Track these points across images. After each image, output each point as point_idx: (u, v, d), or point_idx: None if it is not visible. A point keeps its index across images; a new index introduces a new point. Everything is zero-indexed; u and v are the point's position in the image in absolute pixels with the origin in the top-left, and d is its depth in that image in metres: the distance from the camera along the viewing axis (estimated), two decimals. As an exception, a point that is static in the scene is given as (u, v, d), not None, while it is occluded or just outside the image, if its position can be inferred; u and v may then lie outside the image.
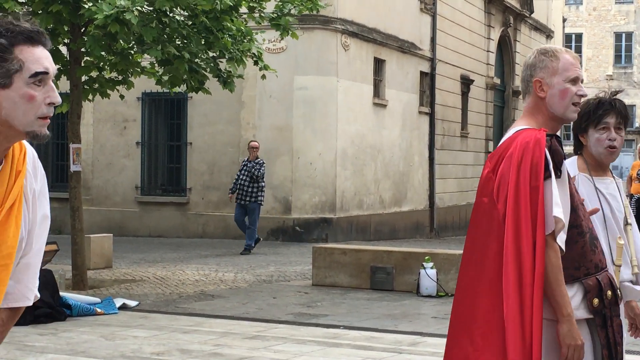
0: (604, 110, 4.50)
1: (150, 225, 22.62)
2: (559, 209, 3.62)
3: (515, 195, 3.63)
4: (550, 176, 3.65)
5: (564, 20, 46.29)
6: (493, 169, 3.74)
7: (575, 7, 55.36)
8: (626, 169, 38.29)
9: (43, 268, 11.59)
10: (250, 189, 18.37)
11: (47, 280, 10.88)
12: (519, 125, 3.86)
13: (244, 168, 18.50)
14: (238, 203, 18.54)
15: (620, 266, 4.36)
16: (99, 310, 11.14)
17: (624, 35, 54.64)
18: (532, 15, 35.21)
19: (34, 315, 10.38)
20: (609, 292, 3.84)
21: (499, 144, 3.82)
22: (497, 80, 31.99)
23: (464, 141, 29.55)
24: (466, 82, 29.48)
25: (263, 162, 18.54)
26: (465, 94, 29.62)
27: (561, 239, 3.65)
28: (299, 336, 9.83)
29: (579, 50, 55.39)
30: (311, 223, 21.36)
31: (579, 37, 55.18)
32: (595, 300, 3.78)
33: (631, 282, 4.45)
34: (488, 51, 31.10)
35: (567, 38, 52.00)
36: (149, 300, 12.31)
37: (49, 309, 10.58)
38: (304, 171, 21.34)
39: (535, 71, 3.87)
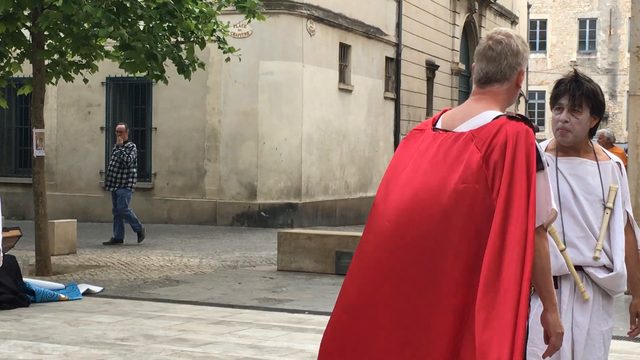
0: (558, 91, 4.52)
1: (114, 210, 22.49)
2: (554, 202, 3.69)
3: (509, 185, 3.58)
4: (543, 168, 3.66)
5: (529, 6, 46.48)
6: (484, 156, 3.64)
7: (540, -7, 55.61)
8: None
9: (6, 254, 11.52)
10: (119, 175, 17.33)
11: (10, 266, 10.81)
12: (488, 109, 3.79)
13: (114, 153, 17.52)
14: (110, 191, 17.66)
15: (563, 250, 4.42)
16: (62, 296, 11.09)
17: (588, 21, 54.92)
18: (497, 1, 35.33)
19: (-4, 301, 10.32)
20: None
21: (477, 128, 3.70)
22: (462, 66, 32.10)
23: (429, 127, 29.66)
24: (431, 68, 29.55)
25: (133, 146, 17.50)
26: (430, 80, 29.69)
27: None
28: (264, 321, 9.84)
29: (543, 36, 55.63)
30: (277, 208, 21.36)
31: (543, 23, 55.41)
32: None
33: (604, 266, 4.48)
34: (453, 37, 31.19)
35: (532, 24, 52.22)
36: (113, 285, 12.28)
37: (12, 295, 10.52)
38: (270, 156, 21.32)
39: (522, 61, 3.87)
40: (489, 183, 3.62)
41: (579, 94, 4.46)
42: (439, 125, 3.87)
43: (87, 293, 11.51)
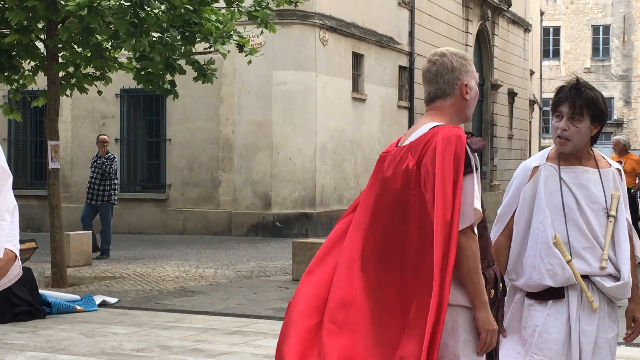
0: (558, 98, 4.51)
1: (130, 222, 22.56)
2: (479, 202, 3.80)
3: (438, 186, 3.76)
4: (472, 171, 3.81)
5: (542, 13, 46.42)
6: (417, 162, 3.87)
7: (553, 1, 55.51)
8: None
9: (22, 266, 11.54)
10: (102, 188, 16.70)
11: (26, 278, 10.84)
12: (431, 121, 3.99)
13: (94, 165, 16.85)
14: (88, 203, 16.87)
15: (570, 261, 4.41)
16: (78, 307, 11.11)
17: (601, 28, 54.85)
18: (510, 8, 35.30)
19: (12, 313, 10.35)
20: (501, 284, 4.05)
21: (415, 139, 3.93)
22: (476, 74, 32.02)
23: (443, 135, 29.63)
24: (445, 76, 29.50)
25: (114, 157, 17.02)
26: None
27: (476, 231, 3.83)
28: (279, 331, 9.81)
29: (556, 43, 55.58)
30: (291, 218, 21.36)
31: (556, 30, 55.37)
32: (492, 291, 3.96)
33: (610, 275, 4.47)
34: (466, 45, 31.16)
35: (545, 31, 52.14)
36: (129, 297, 12.29)
37: (28, 307, 10.54)
38: (284, 166, 21.33)
39: (461, 75, 4.06)
40: (422, 187, 3.83)
41: (579, 103, 4.44)
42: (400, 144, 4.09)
43: (103, 304, 11.52)
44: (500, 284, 4.03)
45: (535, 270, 4.42)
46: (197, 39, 13.21)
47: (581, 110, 4.44)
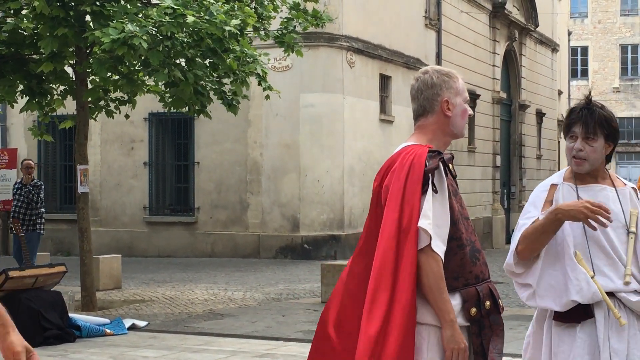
0: (571, 119, 4.53)
1: (158, 245, 22.62)
2: (426, 221, 3.81)
3: (394, 207, 3.87)
4: (426, 191, 3.84)
5: (569, 33, 46.29)
6: (380, 182, 4.00)
7: (581, 20, 55.34)
8: (634, 181, 38.15)
9: (52, 289, 11.61)
10: (26, 217, 15.08)
11: (56, 302, 10.89)
12: (411, 141, 4.07)
13: (19, 192, 15.30)
14: (14, 234, 14.80)
15: (593, 277, 4.37)
16: (108, 330, 11.14)
17: (629, 47, 54.59)
18: (537, 29, 35.23)
19: (43, 337, 10.39)
20: (487, 302, 3.98)
21: (387, 160, 4.04)
22: (504, 95, 31.99)
23: (471, 156, 29.55)
24: (472, 97, 29.46)
25: (42, 185, 15.55)
26: (471, 109, 29.58)
27: (441, 249, 3.84)
28: (307, 354, 9.79)
29: (584, 63, 55.37)
30: (319, 240, 21.35)
31: (584, 50, 55.17)
32: (473, 310, 3.92)
33: (635, 291, 4.43)
34: (494, 65, 31.13)
35: (573, 51, 51.99)
36: (158, 320, 12.31)
37: (58, 331, 10.58)
38: (312, 188, 21.34)
39: (441, 91, 4.09)
40: (383, 206, 3.95)
41: (592, 122, 4.46)
42: None
43: (133, 327, 11.55)
44: (487, 301, 3.95)
45: (563, 287, 4.40)
46: (222, 73, 13.16)
47: (595, 129, 4.45)
